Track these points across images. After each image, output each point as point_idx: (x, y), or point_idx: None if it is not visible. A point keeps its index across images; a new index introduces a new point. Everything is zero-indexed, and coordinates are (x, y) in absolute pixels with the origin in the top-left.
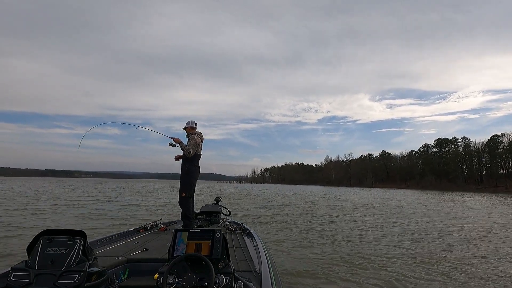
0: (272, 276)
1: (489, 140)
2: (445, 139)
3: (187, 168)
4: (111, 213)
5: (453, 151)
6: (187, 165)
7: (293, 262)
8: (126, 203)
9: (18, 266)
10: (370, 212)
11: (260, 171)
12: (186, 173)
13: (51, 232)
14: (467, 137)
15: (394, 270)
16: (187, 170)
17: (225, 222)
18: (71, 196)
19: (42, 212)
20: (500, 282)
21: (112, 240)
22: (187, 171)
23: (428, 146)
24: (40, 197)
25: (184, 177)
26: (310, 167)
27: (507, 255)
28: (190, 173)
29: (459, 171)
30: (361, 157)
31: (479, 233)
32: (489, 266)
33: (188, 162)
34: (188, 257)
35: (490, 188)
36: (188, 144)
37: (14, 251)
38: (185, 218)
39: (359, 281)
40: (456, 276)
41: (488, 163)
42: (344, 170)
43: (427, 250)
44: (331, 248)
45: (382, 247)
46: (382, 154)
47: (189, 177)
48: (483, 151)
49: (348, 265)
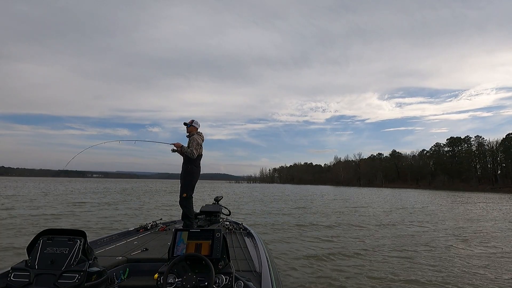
0: (272, 276)
1: (504, 139)
2: (458, 138)
3: (189, 168)
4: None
5: (466, 150)
6: (189, 166)
7: (293, 261)
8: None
9: (18, 266)
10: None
11: (269, 171)
12: (188, 173)
13: (51, 232)
14: (480, 136)
15: (395, 271)
16: (188, 171)
17: (225, 222)
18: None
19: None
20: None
21: (112, 240)
22: (188, 171)
23: (440, 145)
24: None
25: (186, 177)
26: (319, 167)
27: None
28: (192, 173)
29: (473, 171)
30: (371, 157)
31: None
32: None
33: (190, 163)
34: (188, 257)
35: (506, 188)
36: (190, 146)
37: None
38: (186, 218)
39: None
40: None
41: (503, 162)
42: (353, 170)
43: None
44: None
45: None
46: (393, 154)
47: (191, 178)
48: (497, 150)
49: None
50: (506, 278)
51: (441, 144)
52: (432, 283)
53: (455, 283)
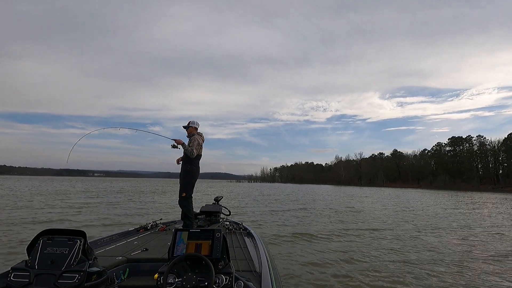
0: (272, 276)
1: (505, 138)
2: (460, 138)
3: (188, 168)
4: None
5: (467, 150)
6: (188, 166)
7: (293, 261)
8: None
9: (18, 266)
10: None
11: (270, 170)
12: (187, 173)
13: (51, 232)
14: (482, 135)
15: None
16: (188, 171)
17: (225, 222)
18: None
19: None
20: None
21: (112, 240)
22: (188, 171)
23: (441, 144)
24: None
25: (185, 177)
26: (320, 166)
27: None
28: (191, 173)
29: (474, 171)
30: (372, 156)
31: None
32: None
33: (189, 163)
34: (188, 257)
35: (507, 188)
36: (190, 145)
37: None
38: (186, 218)
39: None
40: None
41: (504, 162)
42: (354, 170)
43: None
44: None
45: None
46: (394, 153)
47: (190, 178)
48: (499, 150)
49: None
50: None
51: (443, 143)
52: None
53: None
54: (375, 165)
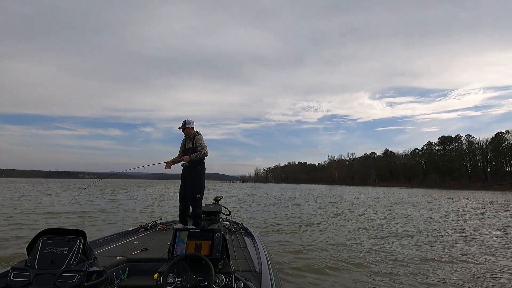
0: (272, 276)
1: (493, 138)
2: (449, 137)
3: (200, 169)
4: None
5: (457, 149)
6: (200, 167)
7: (293, 261)
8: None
9: (18, 265)
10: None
11: (263, 171)
12: (201, 174)
13: (51, 232)
14: (471, 135)
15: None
16: (199, 172)
17: (225, 222)
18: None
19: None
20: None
21: (112, 239)
22: (199, 172)
23: (431, 144)
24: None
25: (199, 178)
26: (313, 166)
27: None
28: (203, 174)
29: (464, 169)
30: (364, 156)
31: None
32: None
33: (201, 164)
34: (188, 256)
35: (496, 186)
36: (198, 147)
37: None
38: (198, 217)
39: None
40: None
41: (492, 160)
42: (347, 169)
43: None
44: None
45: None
46: (385, 153)
47: (203, 178)
48: (487, 149)
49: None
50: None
51: (433, 143)
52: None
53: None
54: (367, 165)
